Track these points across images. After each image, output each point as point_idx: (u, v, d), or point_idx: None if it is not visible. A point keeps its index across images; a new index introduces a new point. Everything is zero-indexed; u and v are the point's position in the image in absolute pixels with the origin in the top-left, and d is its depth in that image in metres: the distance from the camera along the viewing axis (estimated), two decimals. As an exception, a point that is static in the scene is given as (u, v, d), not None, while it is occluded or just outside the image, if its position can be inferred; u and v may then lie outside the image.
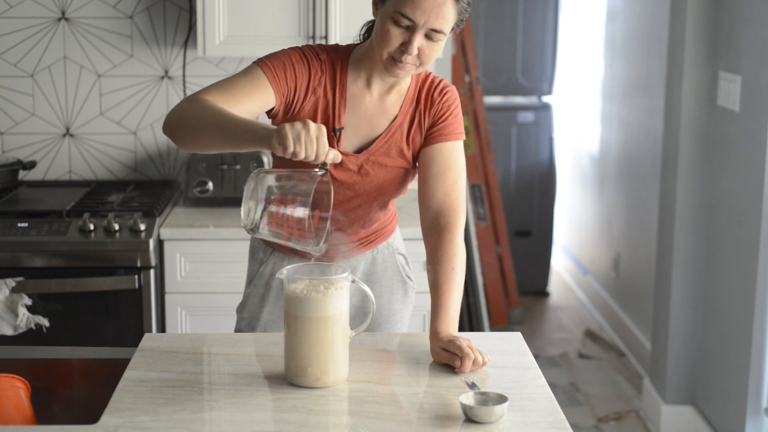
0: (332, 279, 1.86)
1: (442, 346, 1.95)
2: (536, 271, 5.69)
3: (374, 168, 2.16)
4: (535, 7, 5.60)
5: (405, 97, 2.16)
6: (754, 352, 3.23)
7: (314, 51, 2.13)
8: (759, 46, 3.17)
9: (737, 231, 3.35)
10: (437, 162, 2.15)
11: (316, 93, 2.11)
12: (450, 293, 2.06)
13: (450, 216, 2.13)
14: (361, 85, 2.14)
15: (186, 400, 1.80)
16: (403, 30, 2.00)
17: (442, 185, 2.14)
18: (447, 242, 2.11)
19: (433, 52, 2.03)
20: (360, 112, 2.14)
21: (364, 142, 2.16)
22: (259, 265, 2.37)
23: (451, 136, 2.16)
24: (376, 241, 2.36)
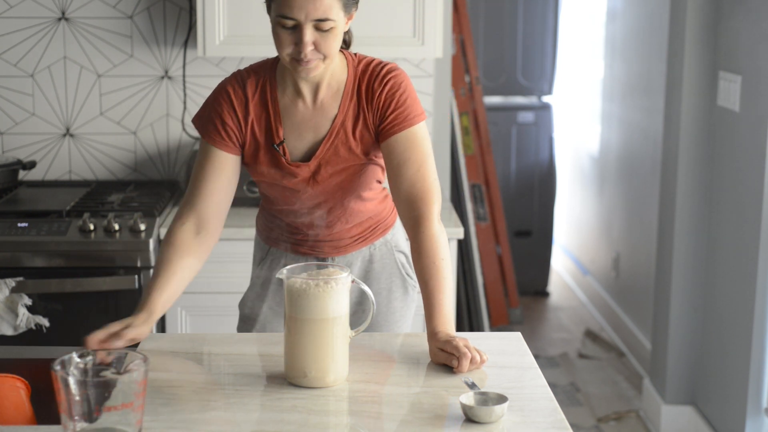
0: (332, 273, 1.86)
1: (439, 346, 1.95)
2: (536, 271, 5.69)
3: (327, 170, 2.16)
4: (535, 7, 5.60)
5: (343, 93, 2.14)
6: (754, 352, 3.23)
7: (237, 79, 2.17)
8: (759, 46, 3.17)
9: (737, 231, 3.35)
10: (395, 154, 2.12)
11: (248, 120, 2.15)
12: (438, 289, 2.03)
13: (419, 206, 2.10)
14: (291, 93, 2.15)
15: (186, 400, 1.80)
16: (291, 30, 2.02)
17: (404, 177, 2.11)
18: (422, 236, 2.07)
19: (330, 41, 2.03)
20: (297, 120, 2.15)
21: (311, 148, 2.16)
22: (259, 262, 2.40)
23: (404, 124, 2.11)
24: (371, 237, 2.35)
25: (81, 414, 1.51)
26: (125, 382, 1.51)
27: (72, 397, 1.50)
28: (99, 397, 1.51)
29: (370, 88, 2.13)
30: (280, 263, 2.36)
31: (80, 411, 1.51)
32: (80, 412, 1.51)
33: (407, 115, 2.12)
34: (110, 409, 1.51)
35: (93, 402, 1.51)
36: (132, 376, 1.52)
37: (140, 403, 1.55)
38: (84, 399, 1.50)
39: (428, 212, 2.09)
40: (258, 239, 2.44)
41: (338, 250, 2.33)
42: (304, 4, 1.98)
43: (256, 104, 2.14)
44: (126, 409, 1.52)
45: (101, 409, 1.51)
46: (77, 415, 1.51)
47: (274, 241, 2.37)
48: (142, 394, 1.54)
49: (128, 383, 1.52)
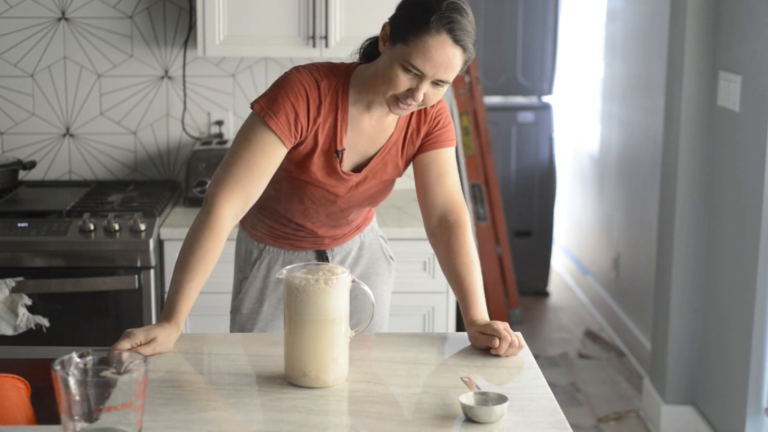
0: (332, 268, 1.86)
1: (480, 330, 2.05)
2: (536, 271, 5.69)
3: (371, 182, 2.23)
4: (535, 7, 5.60)
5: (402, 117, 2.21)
6: (754, 352, 3.23)
7: (313, 78, 2.12)
8: (759, 46, 3.17)
9: (737, 231, 3.35)
10: (437, 165, 2.21)
11: (316, 121, 2.13)
12: (475, 284, 2.14)
13: (458, 213, 2.21)
14: (362, 107, 2.16)
15: (186, 400, 1.80)
16: (411, 76, 2.02)
17: (444, 186, 2.22)
18: (462, 237, 2.18)
19: (436, 97, 2.07)
20: (360, 133, 2.18)
21: (361, 160, 2.21)
22: (254, 263, 2.39)
23: (447, 142, 2.23)
24: (363, 226, 2.44)
25: (81, 414, 1.51)
26: (125, 382, 1.51)
27: (72, 397, 1.50)
28: (99, 397, 1.51)
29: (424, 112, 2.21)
30: (279, 260, 2.37)
31: (80, 411, 1.51)
32: (80, 412, 1.51)
33: (450, 135, 2.24)
34: (110, 409, 1.51)
35: (93, 402, 1.51)
36: (132, 376, 1.52)
37: (140, 403, 1.55)
38: (84, 399, 1.50)
39: (466, 219, 2.22)
40: (248, 239, 2.41)
41: (337, 241, 2.39)
42: (439, 64, 1.99)
43: (327, 108, 2.13)
44: (126, 409, 1.52)
45: (101, 409, 1.51)
46: (77, 415, 1.51)
47: (271, 238, 2.37)
48: (142, 394, 1.55)
49: (128, 383, 1.52)
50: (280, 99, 2.09)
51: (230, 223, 2.05)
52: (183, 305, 2.00)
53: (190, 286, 2.01)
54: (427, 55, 1.98)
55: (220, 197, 2.04)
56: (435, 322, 3.26)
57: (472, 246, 2.20)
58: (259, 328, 2.40)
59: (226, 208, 2.04)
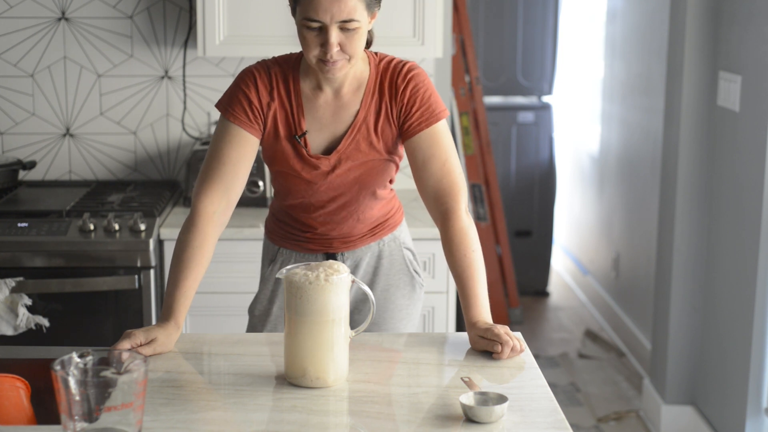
0: (332, 265, 1.86)
1: (480, 334, 2.02)
2: (536, 271, 5.69)
3: (347, 164, 2.20)
4: (535, 7, 5.60)
5: (365, 89, 2.18)
6: (754, 352, 3.23)
7: (264, 65, 2.19)
8: (759, 46, 3.17)
9: (737, 231, 3.35)
10: (421, 151, 2.17)
11: (271, 106, 2.16)
12: (474, 280, 2.10)
13: (446, 201, 2.17)
14: (313, 87, 2.18)
15: (186, 400, 1.80)
16: (317, 32, 2.05)
17: (431, 173, 2.17)
18: (452, 229, 2.15)
19: (355, 42, 2.06)
20: (319, 113, 2.18)
21: (331, 142, 2.20)
22: (269, 264, 2.41)
23: (430, 120, 2.16)
24: (381, 233, 2.37)
25: (81, 414, 1.51)
26: (125, 382, 1.51)
27: (72, 397, 1.50)
28: (99, 397, 1.51)
29: (393, 83, 2.18)
30: (291, 262, 2.37)
31: (80, 411, 1.51)
32: (80, 412, 1.51)
33: (432, 112, 2.17)
34: (110, 409, 1.51)
35: (93, 402, 1.51)
36: (132, 376, 1.52)
37: (140, 403, 1.55)
38: (84, 399, 1.50)
39: (456, 206, 2.16)
40: (267, 241, 2.44)
41: (347, 245, 2.34)
42: (329, 6, 2.01)
43: (280, 94, 2.17)
44: (126, 409, 1.52)
45: (101, 409, 1.51)
46: (77, 415, 1.51)
47: (284, 240, 2.37)
48: (142, 394, 1.55)
49: (128, 383, 1.52)
50: (233, 92, 2.17)
51: (215, 219, 2.12)
52: (180, 304, 2.05)
53: (185, 284, 2.07)
54: (313, 3, 2.01)
55: (199, 196, 2.13)
56: (435, 322, 3.26)
57: (467, 237, 2.13)
58: (268, 330, 2.40)
59: (206, 204, 2.12)
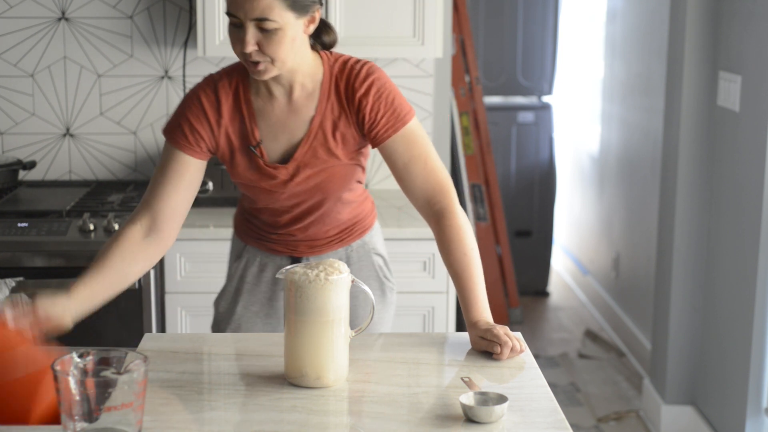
0: (332, 263, 1.86)
1: (480, 334, 2.02)
2: (536, 271, 5.69)
3: (306, 172, 2.14)
4: (535, 7, 5.60)
5: (320, 93, 2.11)
6: (754, 352, 3.23)
7: (212, 81, 2.13)
8: (759, 46, 3.17)
9: (737, 231, 3.35)
10: (398, 155, 2.11)
11: (221, 123, 2.12)
12: (473, 280, 2.07)
13: (439, 200, 2.12)
14: (264, 95, 2.13)
15: (186, 400, 1.80)
16: (237, 29, 2.00)
17: (415, 175, 2.12)
18: (449, 228, 2.09)
19: (275, 44, 1.98)
20: (272, 122, 2.13)
21: (288, 150, 2.14)
22: (236, 260, 2.39)
23: (398, 124, 2.10)
24: (349, 239, 2.33)
25: (81, 414, 1.51)
26: (125, 382, 1.51)
27: (72, 397, 1.50)
28: (99, 397, 1.51)
29: (350, 87, 2.10)
30: (256, 261, 2.35)
31: (80, 411, 1.51)
32: (80, 412, 1.51)
33: (398, 114, 2.11)
34: (110, 409, 1.51)
35: (93, 402, 1.51)
36: (132, 376, 1.52)
37: (140, 403, 1.55)
38: (84, 399, 1.50)
39: (450, 204, 2.12)
40: (234, 237, 2.42)
41: (313, 250, 2.31)
42: (243, 1, 1.96)
43: (230, 107, 2.12)
44: (126, 409, 1.52)
45: (101, 409, 1.51)
46: (77, 415, 1.51)
47: (250, 238, 2.35)
48: (142, 394, 1.55)
49: (128, 383, 1.52)
50: (176, 115, 2.14)
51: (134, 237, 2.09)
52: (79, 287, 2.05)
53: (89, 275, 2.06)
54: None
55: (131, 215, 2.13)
56: (435, 322, 3.26)
57: (465, 235, 2.08)
58: (231, 329, 2.37)
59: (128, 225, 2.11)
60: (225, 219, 3.28)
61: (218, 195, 3.42)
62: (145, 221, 2.11)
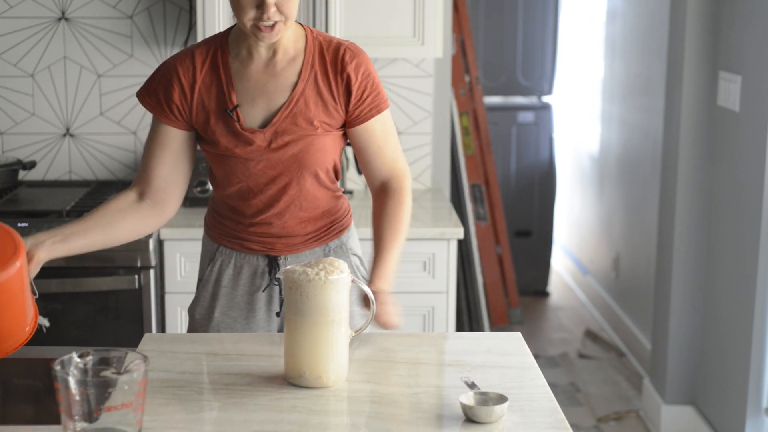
0: (332, 261, 1.86)
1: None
2: (536, 271, 5.69)
3: (284, 139, 2.14)
4: (535, 7, 5.60)
5: (303, 61, 2.14)
6: (754, 352, 3.23)
7: (188, 51, 2.17)
8: (759, 46, 3.17)
9: (737, 231, 3.35)
10: (374, 138, 2.20)
11: (194, 88, 2.14)
12: (391, 251, 2.15)
13: (398, 181, 2.22)
14: (244, 57, 2.15)
15: (186, 400, 1.80)
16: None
17: (384, 157, 2.22)
18: (395, 200, 2.20)
19: (291, 3, 2.04)
20: (250, 85, 2.14)
21: (267, 115, 2.14)
22: (209, 263, 2.32)
23: (382, 106, 2.18)
24: (326, 237, 2.29)
25: (81, 414, 1.51)
26: (125, 382, 1.51)
27: (72, 397, 1.50)
28: (99, 397, 1.51)
29: (338, 63, 2.14)
30: (231, 263, 2.28)
31: (80, 411, 1.51)
32: (80, 412, 1.51)
33: (382, 98, 2.19)
34: (110, 409, 1.51)
35: (93, 402, 1.51)
36: (132, 376, 1.52)
37: (140, 403, 1.55)
38: (84, 399, 1.50)
39: (406, 185, 2.23)
40: (206, 238, 2.35)
41: (291, 248, 2.25)
42: None
43: (206, 72, 2.14)
44: (126, 409, 1.52)
45: (101, 409, 1.51)
46: (77, 415, 1.51)
47: (223, 238, 2.28)
48: (142, 394, 1.55)
49: (128, 383, 1.52)
50: (151, 85, 2.18)
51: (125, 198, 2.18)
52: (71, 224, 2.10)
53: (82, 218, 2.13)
54: None
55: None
56: (435, 322, 3.26)
57: (405, 216, 2.19)
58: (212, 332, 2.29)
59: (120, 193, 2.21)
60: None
61: (218, 195, 3.42)
62: (138, 187, 2.20)
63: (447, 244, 3.21)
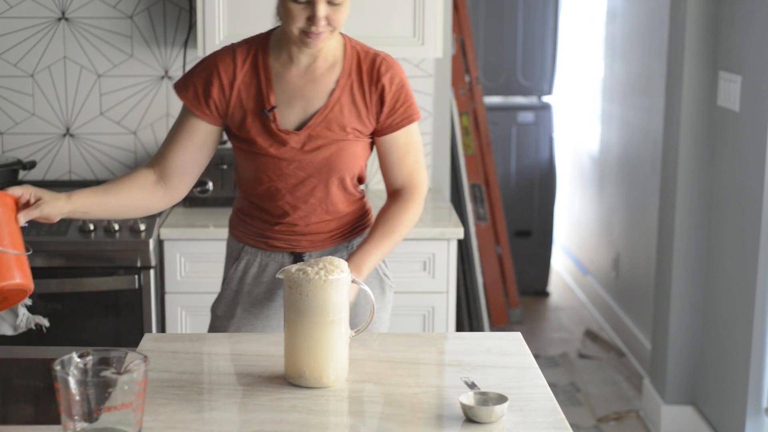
0: (332, 260, 1.86)
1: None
2: (536, 271, 5.69)
3: (317, 142, 2.19)
4: (535, 7, 5.60)
5: (342, 69, 2.20)
6: (754, 352, 3.23)
7: (229, 48, 2.22)
8: (759, 46, 3.17)
9: (737, 231, 3.35)
10: (398, 146, 2.25)
11: (234, 86, 2.18)
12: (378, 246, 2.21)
13: (412, 190, 2.29)
14: (284, 60, 2.20)
15: (186, 400, 1.80)
16: (303, 5, 2.08)
17: (403, 168, 2.27)
18: (399, 209, 2.26)
19: (340, 15, 2.10)
20: (289, 87, 2.19)
21: (302, 118, 2.20)
22: (233, 262, 2.36)
23: (413, 117, 2.25)
24: (350, 235, 2.34)
25: (81, 414, 1.51)
26: (125, 382, 1.51)
27: (72, 397, 1.50)
28: (99, 397, 1.51)
29: (374, 73, 2.20)
30: (256, 262, 2.32)
31: (80, 411, 1.51)
32: (80, 412, 1.51)
33: (414, 110, 2.25)
34: (110, 409, 1.51)
35: (93, 402, 1.51)
36: (132, 376, 1.52)
37: (140, 403, 1.55)
38: (84, 399, 1.50)
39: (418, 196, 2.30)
40: (231, 239, 2.39)
41: (315, 245, 2.30)
42: None
43: (246, 71, 2.18)
44: (126, 409, 1.52)
45: (101, 409, 1.51)
46: (77, 415, 1.51)
47: (249, 237, 2.32)
48: (142, 394, 1.55)
49: (128, 383, 1.52)
50: (191, 77, 2.22)
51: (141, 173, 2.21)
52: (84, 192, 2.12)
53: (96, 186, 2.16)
54: None
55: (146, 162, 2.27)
56: (435, 322, 3.26)
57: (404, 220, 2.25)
58: (231, 332, 2.32)
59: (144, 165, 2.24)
60: (225, 219, 3.29)
61: (218, 195, 3.42)
62: (156, 169, 2.23)
63: (447, 244, 3.21)
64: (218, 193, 3.42)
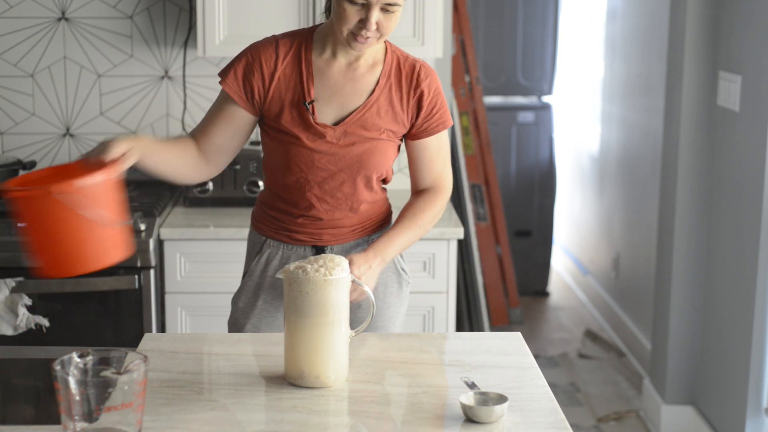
0: (332, 258, 1.86)
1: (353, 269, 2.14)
2: (536, 271, 5.69)
3: (351, 138, 2.24)
4: (535, 7, 5.60)
5: (383, 70, 2.24)
6: (754, 352, 3.23)
7: (273, 38, 2.26)
8: (759, 46, 3.17)
9: (737, 231, 3.35)
10: (429, 150, 2.31)
11: (274, 76, 2.22)
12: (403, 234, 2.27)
13: (437, 192, 2.35)
14: (327, 57, 2.24)
15: (186, 400, 1.80)
16: (359, 7, 2.10)
17: (433, 170, 2.33)
18: (426, 203, 2.31)
19: (391, 23, 2.13)
20: (330, 83, 2.23)
21: (340, 114, 2.24)
22: (256, 255, 2.39)
23: (447, 123, 2.31)
24: (370, 229, 2.38)
25: (81, 414, 1.51)
26: (125, 382, 1.51)
27: (72, 397, 1.50)
28: (99, 397, 1.51)
29: (414, 78, 2.25)
30: (278, 255, 2.34)
31: (80, 411, 1.51)
32: (80, 412, 1.51)
33: (447, 116, 2.31)
34: (110, 409, 1.51)
35: (93, 402, 1.51)
36: (132, 376, 1.52)
37: (140, 403, 1.55)
38: (84, 399, 1.51)
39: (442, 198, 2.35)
40: (253, 233, 2.42)
41: (337, 239, 2.34)
42: None
43: (288, 63, 2.22)
44: (126, 409, 1.53)
45: (101, 409, 1.51)
46: (77, 415, 1.51)
47: (272, 230, 2.35)
48: (142, 394, 1.55)
49: (128, 383, 1.52)
50: (233, 62, 2.26)
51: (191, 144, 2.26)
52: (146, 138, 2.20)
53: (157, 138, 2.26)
54: None
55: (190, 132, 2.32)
56: (435, 322, 3.26)
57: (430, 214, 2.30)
58: (252, 323, 2.36)
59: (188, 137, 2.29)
60: (225, 219, 3.29)
61: (218, 195, 3.42)
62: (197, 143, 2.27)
63: (447, 244, 3.21)
64: (218, 193, 3.42)
